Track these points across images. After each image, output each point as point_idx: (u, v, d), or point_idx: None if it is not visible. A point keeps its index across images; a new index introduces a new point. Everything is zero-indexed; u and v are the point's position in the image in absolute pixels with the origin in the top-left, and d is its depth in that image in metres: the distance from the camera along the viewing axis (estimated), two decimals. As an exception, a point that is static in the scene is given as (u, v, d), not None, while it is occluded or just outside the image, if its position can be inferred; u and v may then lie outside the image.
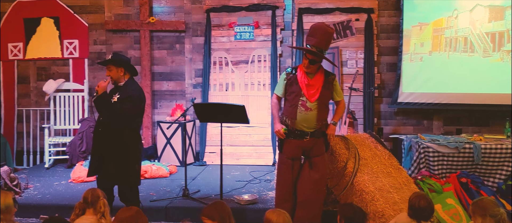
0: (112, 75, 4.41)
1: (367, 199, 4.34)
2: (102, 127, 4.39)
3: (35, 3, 7.38)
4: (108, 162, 4.37)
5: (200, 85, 7.32)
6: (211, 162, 7.05)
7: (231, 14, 7.18)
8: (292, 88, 4.28)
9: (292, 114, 4.24)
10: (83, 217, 3.67)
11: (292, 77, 4.31)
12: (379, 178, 4.57)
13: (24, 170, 6.79)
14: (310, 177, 4.28)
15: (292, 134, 4.28)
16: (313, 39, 4.15)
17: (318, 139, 4.31)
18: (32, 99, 7.56)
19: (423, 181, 5.12)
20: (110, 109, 4.33)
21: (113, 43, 7.44)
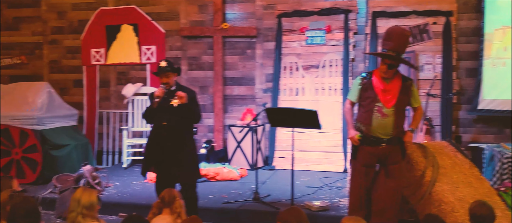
0: (170, 81, 4.55)
1: (446, 210, 4.14)
2: (168, 131, 4.45)
3: (116, 10, 7.79)
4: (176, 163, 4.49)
5: (270, 90, 7.36)
6: (280, 167, 7.05)
7: (303, 18, 7.16)
8: (367, 93, 4.18)
9: (367, 120, 4.14)
10: (160, 217, 3.81)
11: (367, 82, 4.22)
12: (459, 188, 4.35)
13: (104, 170, 7.14)
14: (386, 186, 4.15)
15: (367, 141, 4.17)
16: (390, 43, 4.04)
17: (394, 147, 4.18)
18: (112, 102, 7.97)
19: (506, 193, 4.82)
20: (190, 114, 4.50)
21: (188, 49, 7.67)
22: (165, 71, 4.55)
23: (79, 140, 6.95)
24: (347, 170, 6.72)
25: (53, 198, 5.53)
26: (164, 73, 4.54)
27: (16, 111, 6.56)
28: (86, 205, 3.42)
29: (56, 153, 6.52)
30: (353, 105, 4.40)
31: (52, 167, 6.42)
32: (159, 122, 4.51)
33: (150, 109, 4.51)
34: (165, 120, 4.48)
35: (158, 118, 4.50)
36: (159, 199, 3.87)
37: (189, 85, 7.61)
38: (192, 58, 7.67)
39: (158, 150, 4.53)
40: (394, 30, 4.14)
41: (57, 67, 8.19)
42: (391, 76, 4.13)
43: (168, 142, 4.48)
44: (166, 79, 4.54)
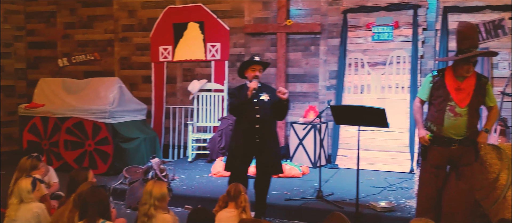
0: (260, 75, 4.68)
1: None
2: (261, 124, 4.56)
3: (183, 9, 8.00)
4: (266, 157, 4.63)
5: (333, 87, 7.26)
6: (343, 166, 6.95)
7: (369, 14, 7.00)
8: (439, 92, 4.02)
9: (439, 120, 3.98)
10: (225, 210, 3.88)
11: (439, 80, 4.06)
12: (538, 193, 4.09)
13: (170, 163, 7.36)
14: (457, 188, 3.98)
15: (438, 141, 4.02)
16: (468, 42, 3.87)
17: (467, 148, 4.00)
18: (178, 97, 8.20)
19: None
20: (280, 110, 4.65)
21: (251, 46, 7.74)
22: (259, 64, 4.68)
23: (147, 134, 7.21)
24: (413, 170, 6.52)
25: (123, 189, 5.77)
26: (258, 66, 4.67)
27: (89, 104, 6.92)
28: (157, 197, 3.55)
29: (126, 145, 6.80)
30: (423, 104, 4.26)
31: (122, 159, 6.71)
32: (252, 115, 4.58)
33: (244, 101, 4.56)
34: (258, 113, 4.57)
35: (251, 111, 4.58)
36: (225, 193, 3.94)
37: (252, 81, 7.71)
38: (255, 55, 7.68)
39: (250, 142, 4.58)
40: (468, 27, 3.98)
41: (127, 64, 8.55)
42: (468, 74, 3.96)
43: (259, 135, 4.57)
44: (258, 73, 4.65)
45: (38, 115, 7.15)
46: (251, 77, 4.64)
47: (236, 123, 4.77)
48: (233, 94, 4.74)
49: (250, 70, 4.68)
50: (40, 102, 7.36)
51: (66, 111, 6.98)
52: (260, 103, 4.60)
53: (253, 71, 4.65)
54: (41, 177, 4.41)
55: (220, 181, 6.13)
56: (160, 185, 3.70)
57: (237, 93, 4.67)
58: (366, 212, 4.85)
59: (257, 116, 4.56)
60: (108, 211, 3.44)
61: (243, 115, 4.62)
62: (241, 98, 4.59)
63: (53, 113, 7.05)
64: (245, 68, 4.72)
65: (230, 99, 4.80)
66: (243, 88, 4.68)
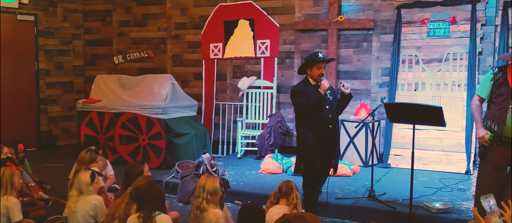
0: (323, 73, 4.50)
1: None
2: (333, 124, 4.49)
3: (234, 6, 8.06)
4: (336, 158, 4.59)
5: (386, 84, 7.10)
6: (396, 165, 6.79)
7: (424, 9, 6.79)
8: (501, 90, 3.84)
9: (501, 119, 3.80)
10: (276, 206, 3.89)
11: (500, 77, 3.87)
12: None
13: (220, 158, 7.47)
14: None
15: (499, 141, 3.84)
16: None
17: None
18: (227, 94, 8.28)
19: None
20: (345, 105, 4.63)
21: (301, 43, 7.69)
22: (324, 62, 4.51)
23: (198, 130, 7.33)
24: (470, 171, 6.27)
25: (175, 182, 5.90)
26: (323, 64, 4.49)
27: (143, 100, 7.12)
28: (210, 191, 3.62)
29: (177, 141, 6.95)
30: (482, 102, 4.07)
31: (174, 153, 6.87)
32: (325, 115, 4.46)
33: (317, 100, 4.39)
34: (330, 113, 4.50)
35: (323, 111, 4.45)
36: (277, 189, 3.95)
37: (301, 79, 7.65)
38: (305, 51, 7.67)
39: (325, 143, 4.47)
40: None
41: (179, 61, 8.72)
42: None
43: (333, 134, 4.50)
44: (322, 71, 4.50)
45: (95, 110, 7.43)
46: (317, 75, 4.45)
47: (306, 123, 4.49)
48: (300, 93, 4.46)
49: (315, 68, 4.44)
50: (96, 97, 7.64)
51: (121, 106, 7.21)
52: (328, 102, 4.48)
53: (319, 69, 4.44)
54: (99, 170, 4.57)
55: (269, 177, 6.14)
56: (212, 180, 3.76)
57: (304, 91, 4.45)
58: (419, 212, 4.72)
59: (330, 116, 4.47)
60: (163, 204, 3.54)
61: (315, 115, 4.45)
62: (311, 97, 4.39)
63: (108, 109, 7.30)
64: (310, 66, 4.48)
65: (298, 98, 4.47)
66: (308, 86, 4.48)
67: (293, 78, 7.76)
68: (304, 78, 4.61)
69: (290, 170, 6.32)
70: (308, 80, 4.54)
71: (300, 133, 4.56)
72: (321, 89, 4.39)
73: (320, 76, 4.45)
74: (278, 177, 6.13)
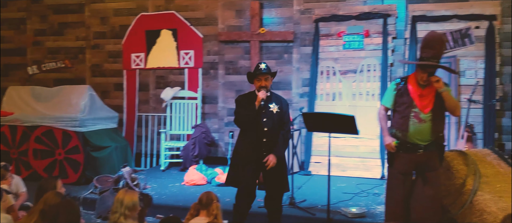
0: (268, 85, 4.43)
1: (488, 220, 4.01)
2: (268, 137, 4.37)
3: (156, 16, 7.97)
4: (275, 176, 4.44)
5: (306, 95, 7.34)
6: (316, 172, 7.01)
7: (340, 23, 7.11)
8: (403, 99, 4.11)
9: (404, 126, 4.06)
10: (197, 218, 3.86)
11: (402, 87, 4.14)
12: (502, 198, 4.20)
13: (142, 171, 7.30)
14: (424, 194, 4.05)
15: (404, 147, 4.09)
16: (430, 51, 3.95)
17: (432, 153, 4.09)
18: (150, 105, 8.14)
19: (554, 204, 4.61)
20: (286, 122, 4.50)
21: (225, 53, 7.76)
22: (265, 74, 4.41)
23: (119, 142, 7.13)
24: (384, 176, 6.61)
25: (94, 198, 5.68)
26: (263, 75, 4.41)
27: (60, 112, 6.80)
28: (128, 206, 3.52)
29: (97, 154, 6.71)
30: (387, 111, 4.33)
31: (93, 168, 6.62)
32: (259, 127, 4.39)
33: (250, 113, 4.35)
34: (266, 126, 4.39)
35: (258, 123, 4.38)
36: (197, 201, 3.92)
37: (226, 89, 7.75)
38: (229, 62, 7.75)
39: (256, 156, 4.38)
40: (433, 36, 4.03)
41: (99, 71, 8.45)
42: (428, 82, 4.04)
43: (265, 149, 4.39)
44: (265, 83, 4.41)
45: (6, 123, 6.99)
46: (258, 87, 4.42)
47: (241, 135, 4.51)
48: (239, 103, 4.45)
49: (256, 80, 4.42)
50: (9, 110, 7.19)
51: (35, 119, 6.85)
52: (268, 115, 4.39)
53: (259, 81, 4.39)
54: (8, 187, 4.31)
55: (193, 189, 6.10)
56: (131, 194, 3.67)
57: (245, 102, 4.43)
58: (337, 218, 4.90)
59: (264, 129, 4.38)
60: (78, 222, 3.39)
61: (249, 126, 4.42)
62: (248, 107, 4.37)
63: (22, 121, 6.91)
64: (253, 77, 4.46)
65: (237, 108, 4.46)
66: (251, 97, 4.45)
67: (218, 88, 7.79)
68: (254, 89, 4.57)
69: (215, 181, 6.32)
70: (254, 91, 4.51)
71: (235, 144, 4.59)
72: (256, 101, 4.35)
73: (262, 88, 4.39)
74: (202, 188, 6.10)
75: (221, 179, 6.27)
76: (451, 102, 4.00)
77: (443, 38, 4.07)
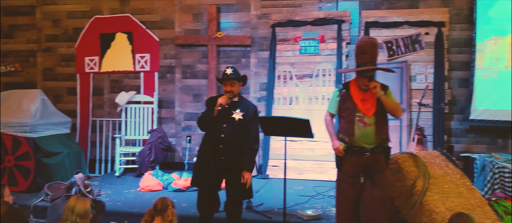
0: (234, 90, 4.41)
1: (437, 219, 4.16)
2: (225, 144, 4.36)
3: (111, 19, 7.82)
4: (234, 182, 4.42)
5: (264, 99, 7.38)
6: (274, 176, 7.06)
7: (297, 28, 7.21)
8: (346, 104, 4.21)
9: (350, 131, 4.15)
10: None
11: (345, 93, 4.25)
12: (450, 198, 4.38)
13: (97, 178, 7.13)
14: (373, 196, 4.13)
15: (351, 151, 4.18)
16: (366, 57, 4.07)
17: (378, 156, 4.18)
18: (105, 110, 7.96)
19: (497, 203, 4.83)
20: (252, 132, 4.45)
21: (182, 57, 7.70)
22: (231, 79, 4.37)
23: (72, 148, 6.93)
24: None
25: (45, 206, 5.49)
26: (229, 80, 4.37)
27: (9, 118, 6.55)
28: (80, 213, 3.43)
29: (48, 161, 6.50)
30: (333, 117, 4.43)
31: (45, 175, 6.40)
32: (217, 133, 4.35)
33: (209, 116, 4.32)
34: (224, 133, 4.35)
35: (217, 128, 4.35)
36: (152, 207, 3.86)
37: (183, 93, 7.69)
38: (186, 66, 7.70)
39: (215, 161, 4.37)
40: (365, 42, 4.14)
41: (51, 75, 8.19)
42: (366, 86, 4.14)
43: (223, 155, 4.36)
44: (230, 88, 4.37)
45: (-50, 130, 6.66)
46: (224, 92, 4.41)
47: (203, 138, 4.54)
48: (207, 104, 4.45)
49: (223, 85, 4.42)
50: (-46, 115, 6.86)
51: (-18, 125, 6.56)
52: (228, 121, 4.37)
53: (225, 86, 4.39)
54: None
55: (149, 195, 6.01)
56: (83, 201, 3.57)
57: (210, 105, 4.40)
58: (293, 221, 4.96)
59: (221, 136, 4.35)
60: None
61: (206, 129, 4.39)
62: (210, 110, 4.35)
63: (-33, 128, 6.60)
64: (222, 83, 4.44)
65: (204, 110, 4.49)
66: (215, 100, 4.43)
67: (174, 92, 7.72)
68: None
69: (171, 186, 6.25)
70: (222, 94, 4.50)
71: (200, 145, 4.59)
72: (216, 106, 4.33)
73: (227, 93, 4.39)
74: (158, 194, 6.02)
75: (177, 185, 6.21)
76: (390, 105, 4.12)
77: (374, 42, 4.16)
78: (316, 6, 7.27)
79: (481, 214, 4.33)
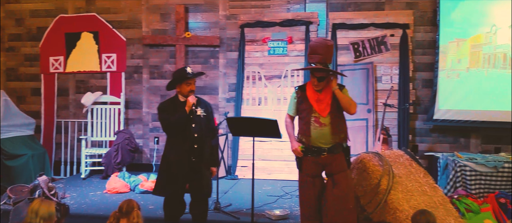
0: (193, 89, 4.43)
1: (401, 217, 4.25)
2: (199, 143, 4.38)
3: (76, 18, 7.66)
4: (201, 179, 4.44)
5: (233, 99, 7.38)
6: (243, 176, 7.07)
7: (265, 29, 7.24)
8: (303, 105, 4.26)
9: (307, 131, 4.20)
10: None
11: (302, 94, 4.29)
12: (414, 196, 4.48)
13: (61, 180, 6.97)
14: (333, 195, 4.14)
15: (309, 151, 4.21)
16: (317, 57, 4.11)
17: (337, 155, 4.18)
18: (70, 111, 7.80)
19: (459, 200, 4.99)
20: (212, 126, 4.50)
21: (150, 57, 7.62)
22: (194, 77, 4.41)
23: (36, 150, 6.77)
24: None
25: (7, 209, 5.33)
26: (192, 79, 4.39)
27: (-32, 120, 6.36)
28: (44, 216, 3.36)
29: (12, 163, 6.33)
30: (292, 119, 4.46)
31: (8, 177, 6.25)
32: (190, 133, 4.34)
33: (182, 117, 4.29)
34: (196, 132, 4.35)
35: (188, 129, 4.34)
36: (117, 209, 3.81)
37: (150, 94, 7.61)
38: (154, 66, 7.62)
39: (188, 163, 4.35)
40: (318, 43, 4.18)
41: (14, 75, 7.97)
42: (323, 86, 4.18)
43: (195, 156, 4.36)
44: (193, 87, 4.40)
45: None
46: (187, 92, 4.38)
47: (170, 143, 4.43)
48: (165, 109, 4.37)
49: (185, 85, 4.37)
50: None
51: None
52: (196, 120, 4.38)
53: (188, 85, 4.37)
54: None
55: (115, 197, 5.92)
56: (47, 204, 3.50)
57: (171, 108, 4.36)
58: (261, 221, 4.98)
59: (195, 135, 4.36)
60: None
61: (181, 132, 4.35)
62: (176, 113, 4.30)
63: None
64: (179, 82, 4.39)
65: (162, 115, 4.37)
66: (175, 102, 4.40)
67: (142, 93, 7.63)
68: (174, 94, 4.50)
69: (138, 188, 6.18)
70: (177, 96, 4.45)
71: (164, 152, 4.50)
72: (187, 106, 4.33)
73: (191, 92, 4.39)
74: (125, 196, 5.93)
75: (145, 186, 6.14)
76: (344, 100, 4.14)
77: (327, 43, 4.17)
78: (284, 7, 7.32)
79: (443, 212, 4.45)
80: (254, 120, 4.95)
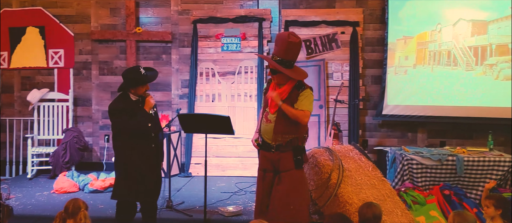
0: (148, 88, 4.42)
1: (350, 210, 4.34)
2: (155, 142, 4.37)
3: (21, 12, 7.35)
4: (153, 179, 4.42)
5: (186, 96, 7.31)
6: (197, 173, 7.02)
7: (218, 25, 7.20)
8: (264, 98, 4.27)
9: (259, 126, 4.25)
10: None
11: (266, 88, 4.30)
12: (363, 189, 4.59)
13: (6, 180, 6.69)
14: (276, 192, 4.09)
15: (262, 145, 4.21)
16: (275, 48, 4.04)
17: (284, 154, 4.07)
18: (15, 108, 7.48)
19: (406, 193, 5.15)
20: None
21: (99, 53, 7.41)
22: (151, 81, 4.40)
23: (-23, 150, 6.45)
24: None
25: None
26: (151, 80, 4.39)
27: None
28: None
29: (-51, 164, 6.00)
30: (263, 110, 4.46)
31: None
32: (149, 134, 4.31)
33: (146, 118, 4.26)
34: (153, 131, 4.31)
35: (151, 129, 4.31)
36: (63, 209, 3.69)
37: (101, 90, 7.42)
38: (104, 62, 7.42)
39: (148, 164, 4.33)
40: (280, 36, 4.02)
41: (-48, 71, 7.56)
42: (282, 81, 4.05)
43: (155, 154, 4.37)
44: (148, 86, 4.36)
45: None
46: (143, 92, 4.32)
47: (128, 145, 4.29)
48: (121, 110, 4.23)
49: (142, 86, 4.33)
50: None
51: None
52: (151, 119, 4.34)
53: (144, 86, 4.34)
54: None
55: (63, 197, 5.74)
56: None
57: (129, 109, 4.24)
58: (214, 218, 4.96)
59: (152, 135, 4.34)
60: None
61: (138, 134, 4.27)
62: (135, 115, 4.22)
63: None
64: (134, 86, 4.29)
65: (121, 117, 4.22)
66: (128, 102, 4.29)
67: (91, 90, 7.41)
68: (122, 93, 4.37)
69: (88, 187, 6.01)
70: (127, 95, 4.33)
71: (119, 155, 4.36)
72: (147, 107, 4.27)
73: (146, 92, 4.35)
74: (73, 196, 5.74)
75: (95, 186, 5.99)
76: (290, 113, 3.96)
77: (287, 39, 3.93)
78: (238, 3, 7.31)
79: (391, 204, 4.59)
80: (206, 116, 4.93)
